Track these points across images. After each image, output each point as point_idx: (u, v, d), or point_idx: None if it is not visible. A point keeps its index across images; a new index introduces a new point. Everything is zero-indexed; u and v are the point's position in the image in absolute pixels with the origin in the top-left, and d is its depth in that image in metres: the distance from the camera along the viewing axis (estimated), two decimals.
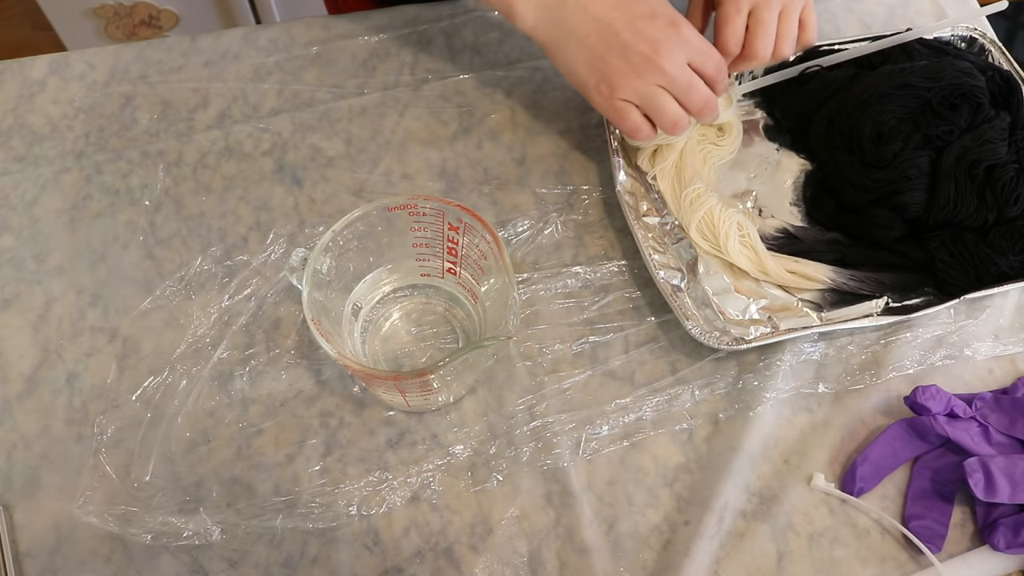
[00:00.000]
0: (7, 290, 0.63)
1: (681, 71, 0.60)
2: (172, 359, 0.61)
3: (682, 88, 0.60)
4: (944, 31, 0.74)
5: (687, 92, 0.60)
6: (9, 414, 0.59)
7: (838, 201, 0.67)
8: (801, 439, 0.60)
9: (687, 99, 0.61)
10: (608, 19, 0.60)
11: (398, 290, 0.63)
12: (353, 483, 0.57)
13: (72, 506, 0.56)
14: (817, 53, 0.72)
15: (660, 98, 0.60)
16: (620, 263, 0.66)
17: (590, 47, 0.60)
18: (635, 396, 0.61)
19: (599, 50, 0.60)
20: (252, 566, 0.55)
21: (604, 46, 0.60)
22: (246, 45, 0.75)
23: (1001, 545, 0.55)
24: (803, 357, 0.62)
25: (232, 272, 0.64)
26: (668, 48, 0.59)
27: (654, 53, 0.59)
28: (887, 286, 0.64)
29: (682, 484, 0.58)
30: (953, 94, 0.65)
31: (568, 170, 0.70)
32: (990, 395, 0.60)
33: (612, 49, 0.60)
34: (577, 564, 0.55)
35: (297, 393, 0.60)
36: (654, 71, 0.59)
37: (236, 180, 0.69)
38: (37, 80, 0.73)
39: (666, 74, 0.59)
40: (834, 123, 0.67)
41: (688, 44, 0.60)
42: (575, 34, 0.61)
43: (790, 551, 0.56)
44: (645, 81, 0.60)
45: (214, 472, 0.57)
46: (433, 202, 0.55)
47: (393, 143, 0.71)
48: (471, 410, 0.60)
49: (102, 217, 0.67)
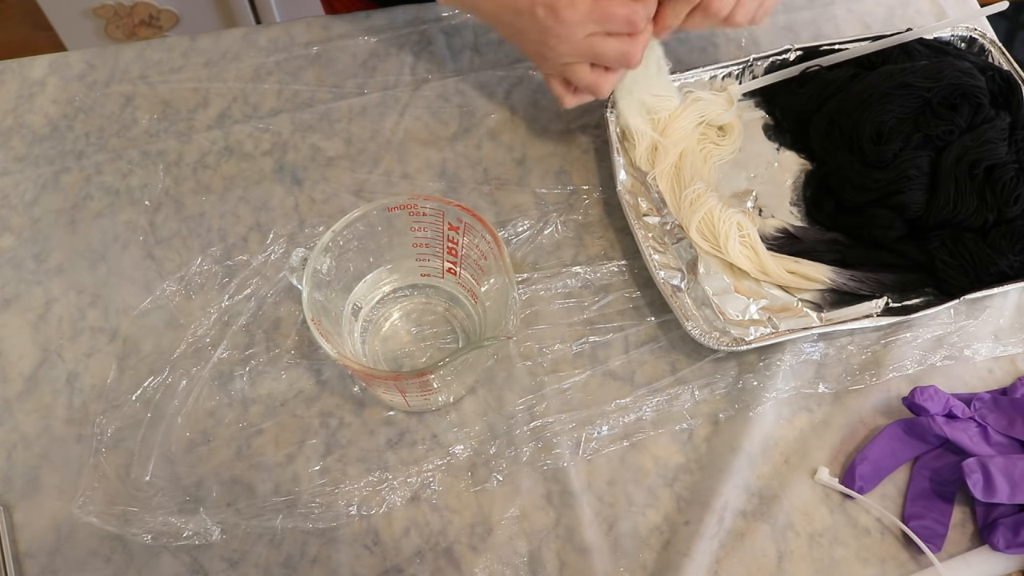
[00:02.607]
0: (7, 290, 0.63)
1: (579, 47, 0.60)
2: (172, 359, 0.61)
3: (590, 59, 0.61)
4: (944, 31, 0.74)
5: (597, 59, 0.61)
6: (9, 414, 0.59)
7: (838, 201, 0.67)
8: (801, 439, 0.60)
9: (601, 63, 0.61)
10: (498, 13, 0.62)
11: (398, 290, 0.63)
12: (353, 483, 0.57)
13: (72, 506, 0.56)
14: (817, 53, 0.72)
15: (571, 71, 0.62)
16: (620, 263, 0.66)
17: (504, 33, 0.65)
18: (635, 396, 0.61)
19: (508, 35, 0.64)
20: (252, 566, 0.55)
21: (508, 34, 0.64)
22: (246, 45, 0.75)
23: (1001, 545, 0.55)
24: (803, 357, 0.62)
25: (232, 272, 0.64)
26: (555, 36, 0.60)
27: (543, 45, 0.60)
28: (887, 286, 0.64)
29: (682, 484, 0.58)
30: (953, 94, 0.65)
31: (568, 170, 0.70)
32: (989, 396, 0.60)
33: (514, 37, 0.63)
34: (577, 564, 0.55)
35: (297, 393, 0.60)
36: (553, 55, 0.61)
37: (236, 180, 0.69)
38: (37, 80, 0.73)
39: (565, 55, 0.60)
40: (834, 123, 0.67)
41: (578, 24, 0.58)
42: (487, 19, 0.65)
43: (790, 551, 0.56)
44: (552, 62, 0.62)
45: (214, 472, 0.57)
46: (433, 202, 0.55)
47: (393, 143, 0.71)
48: (471, 410, 0.60)
49: (102, 217, 0.67)
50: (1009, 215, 0.63)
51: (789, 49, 0.72)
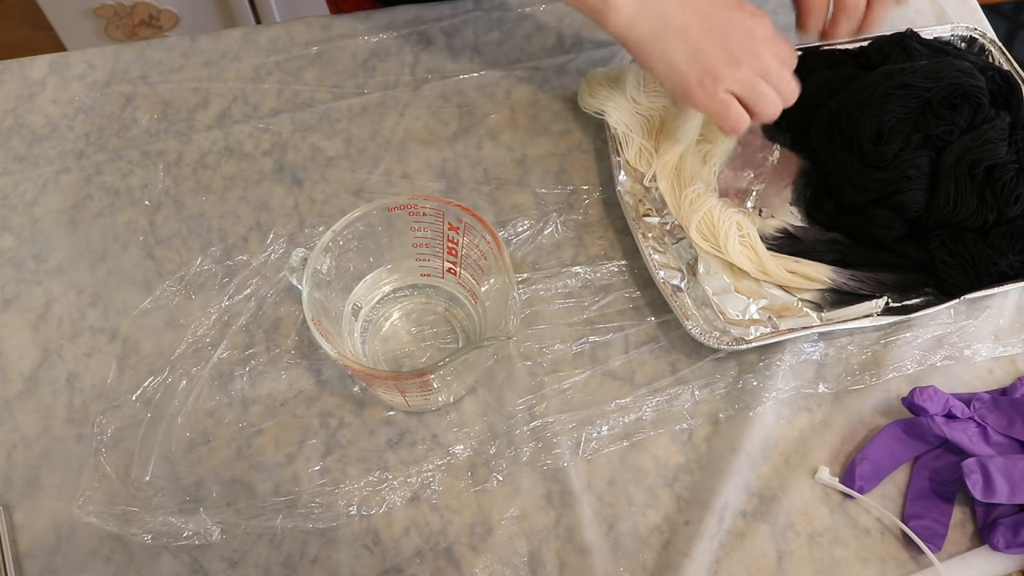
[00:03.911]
0: (7, 290, 0.63)
1: (772, 58, 0.61)
2: (172, 359, 0.61)
3: (775, 74, 0.61)
4: (944, 31, 0.74)
5: (779, 78, 0.61)
6: (9, 414, 0.59)
7: (838, 201, 0.67)
8: (801, 439, 0.60)
9: (779, 85, 0.61)
10: (704, 10, 0.60)
11: (398, 290, 0.63)
12: (353, 483, 0.57)
13: (72, 506, 0.56)
14: (817, 53, 0.72)
15: (761, 85, 0.61)
16: (620, 263, 0.66)
17: (690, 40, 0.60)
18: (635, 396, 0.61)
19: (700, 42, 0.60)
20: (252, 566, 0.55)
21: (705, 37, 0.59)
22: (246, 45, 0.75)
23: (1001, 545, 0.55)
24: (803, 357, 0.62)
25: (232, 272, 0.64)
26: (761, 35, 0.60)
27: (751, 40, 0.60)
28: (887, 286, 0.64)
29: (682, 484, 0.58)
30: (953, 94, 0.65)
31: (568, 170, 0.70)
32: (988, 396, 0.60)
33: (713, 39, 0.59)
34: (577, 564, 0.55)
35: (297, 393, 0.60)
36: (752, 59, 0.60)
37: (236, 180, 0.69)
38: (37, 80, 0.73)
39: (762, 60, 0.60)
40: (834, 123, 0.67)
41: (771, 32, 0.61)
42: (674, 26, 0.60)
43: (790, 551, 0.56)
44: (745, 69, 0.60)
45: (214, 472, 0.57)
46: (433, 202, 0.55)
47: (393, 143, 0.71)
48: (471, 410, 0.60)
49: (102, 217, 0.67)
50: (1009, 215, 0.63)
51: None
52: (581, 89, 0.71)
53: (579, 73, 0.75)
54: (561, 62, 0.76)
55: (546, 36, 0.77)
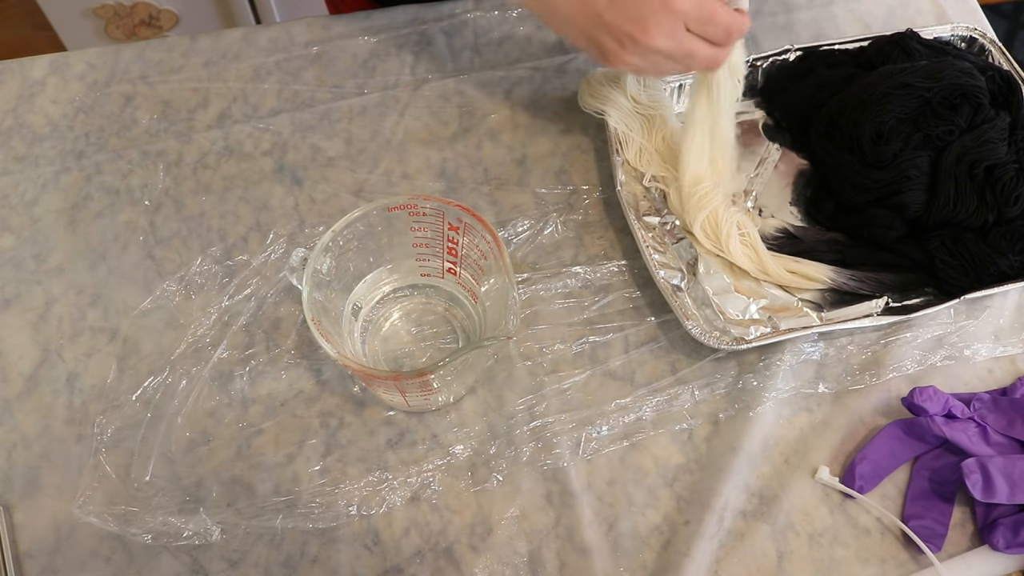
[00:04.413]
0: (7, 290, 0.63)
1: (677, 43, 0.57)
2: (172, 359, 0.61)
3: (681, 58, 0.58)
4: (944, 31, 0.74)
5: (687, 60, 0.58)
6: (9, 414, 0.59)
7: (838, 201, 0.67)
8: (801, 439, 0.60)
9: (689, 65, 0.59)
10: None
11: (398, 290, 0.63)
12: (353, 483, 0.57)
13: (72, 506, 0.56)
14: (817, 53, 0.72)
15: (659, 68, 0.59)
16: (620, 263, 0.66)
17: (578, 26, 0.59)
18: (635, 396, 0.61)
19: (587, 29, 0.59)
20: (252, 566, 0.55)
21: (591, 25, 0.58)
22: (246, 45, 0.75)
23: (1001, 545, 0.55)
24: (803, 357, 0.62)
25: (232, 272, 0.64)
26: (656, 26, 0.56)
27: (641, 33, 0.57)
28: (887, 286, 0.64)
29: (682, 484, 0.58)
30: (953, 94, 0.65)
31: (568, 170, 0.70)
32: (988, 396, 0.60)
33: (599, 28, 0.58)
34: (577, 564, 0.55)
35: (297, 393, 0.60)
36: (643, 50, 0.57)
37: (236, 180, 0.69)
38: (37, 80, 0.73)
39: (659, 51, 0.57)
40: (834, 123, 0.67)
41: (682, 15, 0.57)
42: (560, 13, 0.60)
43: (790, 551, 0.56)
44: (638, 57, 0.58)
45: (214, 472, 0.57)
46: (433, 202, 0.55)
47: (393, 143, 0.71)
48: (471, 410, 0.60)
49: (102, 217, 0.67)
50: (1009, 215, 0.63)
51: (789, 49, 0.72)
52: (581, 89, 0.71)
53: (579, 73, 0.75)
54: (561, 62, 0.76)
55: (546, 36, 0.77)
